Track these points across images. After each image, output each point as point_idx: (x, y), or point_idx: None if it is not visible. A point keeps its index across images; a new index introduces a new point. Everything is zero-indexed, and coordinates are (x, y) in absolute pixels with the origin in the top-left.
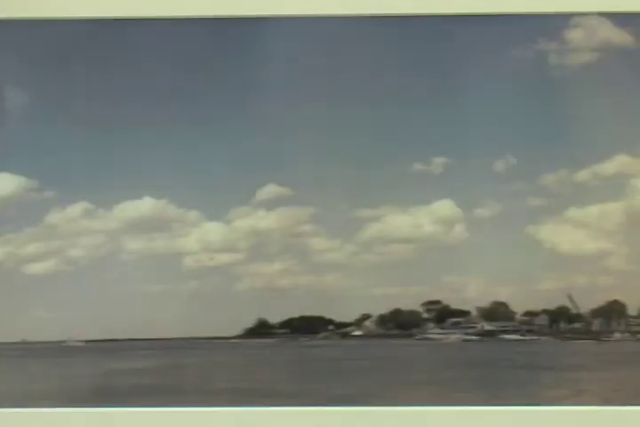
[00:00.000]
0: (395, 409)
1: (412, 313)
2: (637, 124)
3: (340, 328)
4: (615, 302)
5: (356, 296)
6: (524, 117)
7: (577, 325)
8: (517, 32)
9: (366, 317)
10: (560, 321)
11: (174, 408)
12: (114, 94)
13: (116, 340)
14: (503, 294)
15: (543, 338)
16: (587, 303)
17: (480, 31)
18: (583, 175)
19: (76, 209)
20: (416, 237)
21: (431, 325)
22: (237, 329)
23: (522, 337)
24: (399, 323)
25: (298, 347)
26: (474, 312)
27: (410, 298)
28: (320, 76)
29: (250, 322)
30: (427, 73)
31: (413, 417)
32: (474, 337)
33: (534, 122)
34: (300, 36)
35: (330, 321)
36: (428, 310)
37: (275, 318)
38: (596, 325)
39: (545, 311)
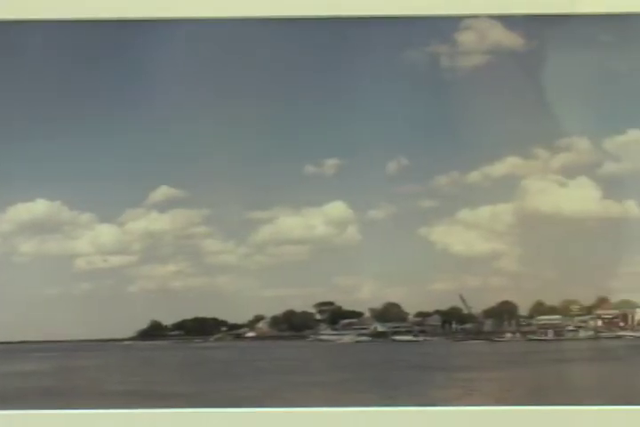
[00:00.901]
0: (289, 410)
1: (305, 314)
2: (528, 126)
3: (234, 330)
4: (506, 302)
5: (250, 298)
6: (417, 119)
7: (469, 325)
8: (409, 34)
9: (259, 318)
10: (452, 322)
11: (68, 411)
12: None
13: (9, 342)
14: (396, 295)
15: (435, 339)
16: (478, 304)
17: (372, 33)
18: (474, 177)
19: None
20: (309, 239)
21: (324, 326)
22: (130, 331)
23: (414, 338)
24: (292, 324)
25: (191, 349)
26: (367, 313)
27: (303, 299)
28: (214, 77)
29: (143, 324)
30: (320, 75)
31: (308, 418)
32: (367, 338)
33: (426, 123)
34: (195, 38)
35: (223, 323)
36: (320, 312)
37: (168, 319)
38: (488, 325)
39: (437, 312)
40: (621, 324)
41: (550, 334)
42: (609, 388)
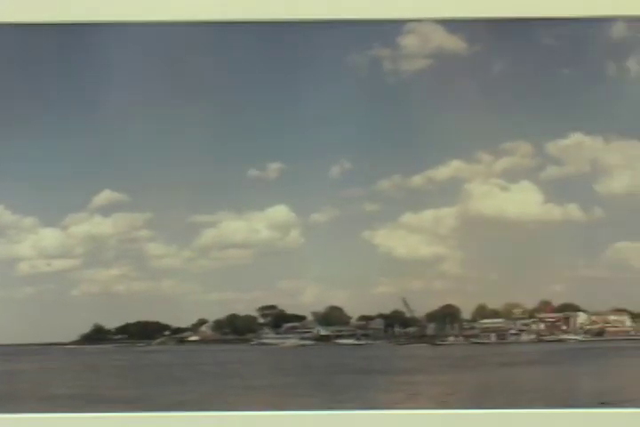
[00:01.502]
0: (232, 414)
1: (248, 318)
2: (471, 130)
3: (177, 333)
4: (449, 306)
5: (193, 302)
6: (360, 123)
7: (412, 329)
8: (352, 38)
9: (203, 322)
10: (395, 325)
11: (11, 415)
12: None
13: None
14: (339, 298)
15: (378, 342)
16: (421, 307)
17: (316, 37)
18: (417, 180)
19: None
20: (252, 243)
21: (267, 330)
22: (74, 335)
23: (357, 341)
24: (235, 328)
25: (135, 352)
26: (309, 317)
27: (246, 303)
28: (158, 82)
29: (86, 328)
30: (263, 78)
31: (251, 422)
32: (310, 342)
33: (369, 127)
34: (139, 41)
35: (166, 326)
36: (263, 315)
37: (111, 323)
38: (431, 329)
39: (380, 316)
40: (563, 327)
41: (493, 338)
42: (551, 391)
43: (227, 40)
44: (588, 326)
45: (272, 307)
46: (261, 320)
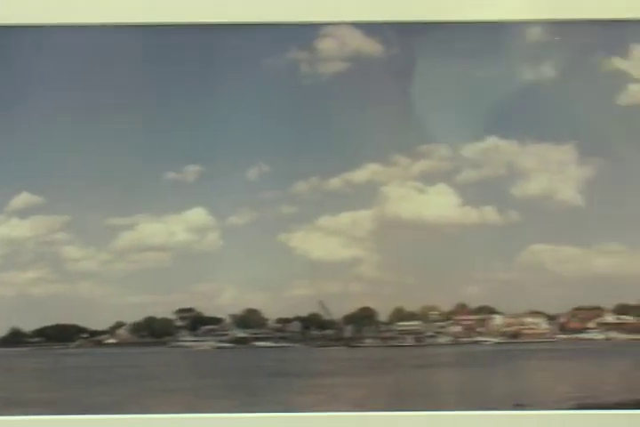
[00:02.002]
0: (149, 417)
1: (165, 321)
2: (388, 133)
3: (95, 336)
4: (366, 308)
5: (110, 304)
6: (277, 126)
7: (329, 331)
8: (269, 41)
9: (120, 325)
10: (312, 328)
11: None
12: None
13: None
14: (256, 301)
15: (296, 344)
16: (338, 310)
17: (232, 40)
18: (335, 183)
19: None
20: (170, 246)
21: (184, 332)
22: None
23: (274, 344)
24: (153, 331)
25: (52, 355)
26: (227, 319)
27: (164, 306)
28: (74, 83)
29: (3, 331)
30: (180, 82)
31: (167, 424)
32: (227, 344)
33: (287, 130)
34: (55, 44)
35: (84, 329)
36: (181, 318)
37: (28, 326)
38: (348, 331)
39: (297, 318)
40: (479, 329)
41: (410, 340)
42: (467, 393)
43: (142, 43)
44: (503, 329)
45: (189, 310)
46: (179, 323)
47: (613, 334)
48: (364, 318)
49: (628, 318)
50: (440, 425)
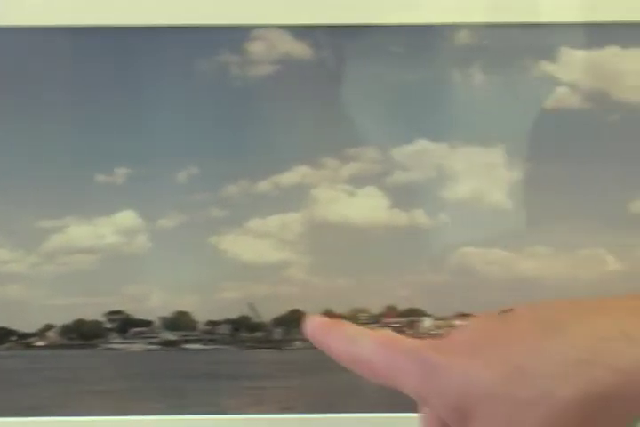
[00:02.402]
0: (76, 419)
1: (95, 323)
2: (318, 136)
3: (24, 339)
4: (296, 311)
5: (39, 307)
6: (207, 129)
7: (259, 334)
8: (199, 44)
9: (49, 327)
10: (242, 330)
11: None
12: None
13: None
14: (186, 303)
15: (225, 347)
16: (268, 312)
17: (162, 43)
18: (264, 186)
19: None
20: (99, 248)
21: (114, 335)
22: None
23: (204, 346)
24: (82, 333)
25: None
26: (156, 322)
27: (93, 308)
28: (3, 88)
29: None
30: (109, 84)
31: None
32: (156, 347)
33: (217, 133)
34: None
35: (13, 332)
36: (110, 320)
37: None
38: (278, 333)
39: (227, 321)
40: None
41: None
42: (398, 395)
43: (73, 44)
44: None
45: (119, 312)
46: (108, 325)
47: None
48: (293, 320)
49: None
50: None
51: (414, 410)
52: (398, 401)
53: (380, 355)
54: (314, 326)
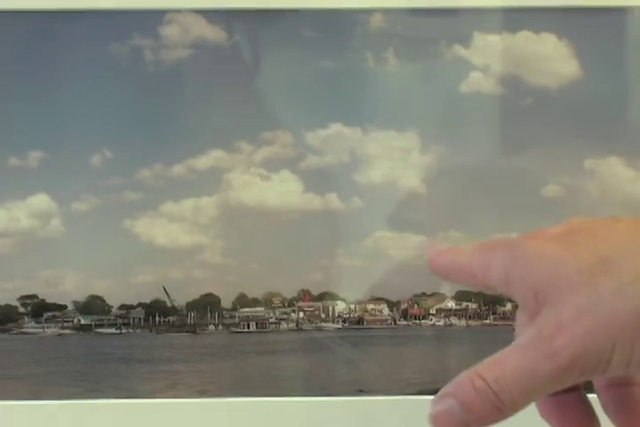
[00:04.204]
0: None
1: (9, 308)
2: (232, 120)
3: None
4: (209, 295)
5: None
6: (122, 112)
7: (172, 318)
8: (113, 28)
9: None
10: (156, 314)
11: None
12: None
13: None
14: (100, 287)
15: (139, 331)
16: (182, 296)
17: (76, 27)
18: (178, 170)
19: None
20: (12, 232)
21: (27, 319)
22: None
23: (118, 331)
24: None
25: None
26: (70, 306)
27: (6, 292)
28: None
29: None
30: (23, 68)
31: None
32: (70, 331)
33: (131, 117)
34: None
35: None
36: (24, 305)
37: None
38: (192, 318)
39: (141, 305)
40: (322, 316)
41: (253, 327)
42: (310, 379)
43: None
44: (346, 315)
45: (32, 296)
46: (22, 310)
47: (454, 320)
48: (207, 304)
49: (468, 304)
50: (283, 411)
51: (327, 394)
52: (310, 385)
53: (476, 253)
54: (432, 253)
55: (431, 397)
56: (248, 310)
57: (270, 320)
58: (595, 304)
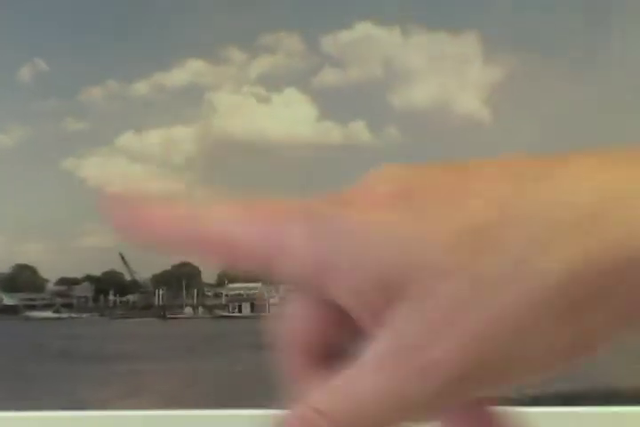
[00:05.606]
0: None
1: None
2: (219, 19)
3: None
4: (186, 264)
5: None
6: (62, 8)
7: (133, 296)
8: None
9: None
10: (110, 292)
11: None
12: None
13: None
14: (30, 254)
15: (85, 316)
16: (146, 267)
17: None
18: (141, 88)
19: None
20: None
21: None
22: None
23: (56, 315)
24: None
25: None
26: None
27: None
28: None
29: None
30: None
31: None
32: None
33: (76, 14)
34: None
35: None
36: None
37: None
38: (160, 296)
39: (88, 278)
40: None
41: (246, 309)
42: None
43: None
44: None
45: None
46: None
47: None
48: (181, 277)
49: None
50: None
51: None
52: None
53: (252, 223)
54: (111, 203)
55: None
56: (239, 285)
57: (271, 300)
58: (477, 294)
